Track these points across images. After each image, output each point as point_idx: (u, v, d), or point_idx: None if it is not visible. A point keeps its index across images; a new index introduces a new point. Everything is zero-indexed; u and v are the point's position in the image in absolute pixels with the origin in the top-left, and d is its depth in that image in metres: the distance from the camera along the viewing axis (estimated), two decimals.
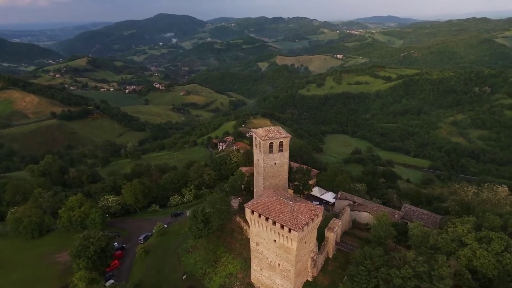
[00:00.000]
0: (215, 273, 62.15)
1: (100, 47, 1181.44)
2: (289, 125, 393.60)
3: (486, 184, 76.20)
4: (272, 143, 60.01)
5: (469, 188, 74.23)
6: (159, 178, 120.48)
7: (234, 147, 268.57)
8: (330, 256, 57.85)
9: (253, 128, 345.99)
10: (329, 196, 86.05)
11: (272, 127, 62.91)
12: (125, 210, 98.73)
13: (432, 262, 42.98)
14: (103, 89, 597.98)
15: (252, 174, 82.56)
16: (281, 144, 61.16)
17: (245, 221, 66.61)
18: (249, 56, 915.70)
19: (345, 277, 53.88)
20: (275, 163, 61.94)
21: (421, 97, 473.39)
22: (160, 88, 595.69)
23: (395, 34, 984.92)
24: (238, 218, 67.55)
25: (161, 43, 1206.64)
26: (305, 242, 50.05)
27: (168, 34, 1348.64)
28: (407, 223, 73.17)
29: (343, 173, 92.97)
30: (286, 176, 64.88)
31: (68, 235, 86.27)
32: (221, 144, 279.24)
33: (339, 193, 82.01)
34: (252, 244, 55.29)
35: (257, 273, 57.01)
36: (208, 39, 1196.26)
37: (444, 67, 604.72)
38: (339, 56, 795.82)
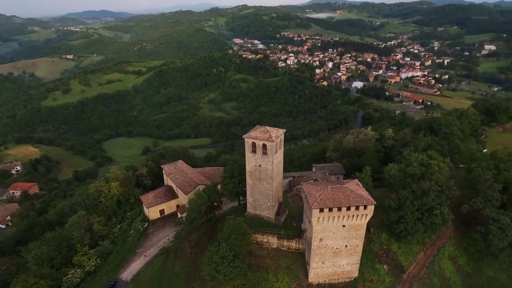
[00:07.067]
0: None
1: None
2: (58, 144, 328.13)
3: (355, 129, 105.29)
4: (276, 142, 57.73)
5: (349, 136, 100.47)
6: (13, 266, 75.47)
7: (11, 191, 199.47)
8: None
9: (15, 161, 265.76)
10: None
11: (265, 127, 59.09)
12: None
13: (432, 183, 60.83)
14: None
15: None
16: (280, 141, 59.94)
17: (262, 233, 61.41)
18: None
19: (371, 229, 63.90)
20: (277, 162, 60.04)
21: (175, 85, 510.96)
22: None
23: (119, 28, 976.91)
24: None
25: None
26: None
27: None
28: (338, 176, 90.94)
29: None
30: (282, 171, 64.25)
31: None
32: None
33: None
34: (314, 243, 53.54)
35: (317, 269, 56.09)
36: None
37: (179, 55, 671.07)
38: (69, 57, 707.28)
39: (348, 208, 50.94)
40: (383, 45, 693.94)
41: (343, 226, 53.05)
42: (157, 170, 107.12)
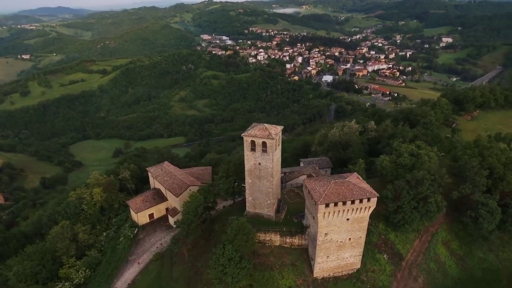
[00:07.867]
0: None
1: None
2: (20, 150, 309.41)
3: (339, 123, 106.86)
4: (276, 139, 57.07)
5: (334, 129, 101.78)
6: None
7: None
8: None
9: None
10: None
11: (263, 125, 57.99)
12: None
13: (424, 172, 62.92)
14: None
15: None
16: (279, 138, 59.35)
17: (265, 232, 60.77)
18: None
19: (369, 220, 65.15)
20: (277, 159, 59.44)
21: (144, 83, 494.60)
22: None
23: (79, 26, 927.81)
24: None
25: None
26: None
27: None
28: (326, 170, 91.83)
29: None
30: (280, 168, 63.70)
31: None
32: None
33: None
34: (320, 239, 53.61)
35: (322, 264, 56.31)
36: None
37: (145, 53, 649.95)
38: (25, 57, 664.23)
39: (353, 202, 51.51)
40: (349, 39, 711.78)
41: (347, 219, 53.63)
42: (139, 173, 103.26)
